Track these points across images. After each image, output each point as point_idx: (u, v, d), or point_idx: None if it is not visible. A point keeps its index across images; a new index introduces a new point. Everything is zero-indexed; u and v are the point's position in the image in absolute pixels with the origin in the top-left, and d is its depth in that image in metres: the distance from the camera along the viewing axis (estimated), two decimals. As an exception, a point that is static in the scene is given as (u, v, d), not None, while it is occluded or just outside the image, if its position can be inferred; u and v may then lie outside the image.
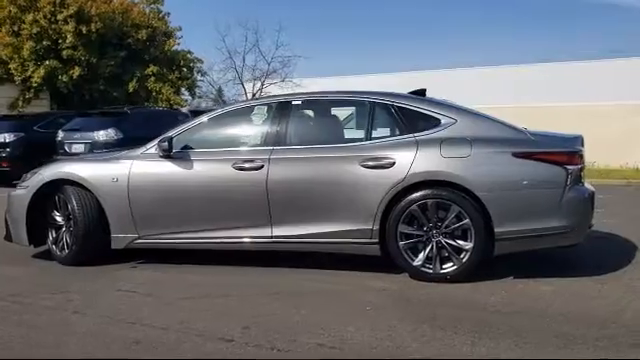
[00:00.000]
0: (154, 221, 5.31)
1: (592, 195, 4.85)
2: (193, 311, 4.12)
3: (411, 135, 4.87)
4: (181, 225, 5.26)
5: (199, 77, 22.39)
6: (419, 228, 4.76)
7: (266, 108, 5.30)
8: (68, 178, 5.49)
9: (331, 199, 4.90)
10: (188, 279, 5.01)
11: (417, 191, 4.72)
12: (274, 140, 5.14)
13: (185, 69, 20.96)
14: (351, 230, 4.85)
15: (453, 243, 4.69)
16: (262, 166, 5.03)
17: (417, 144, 4.79)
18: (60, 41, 18.09)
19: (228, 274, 5.11)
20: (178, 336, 3.64)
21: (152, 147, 5.37)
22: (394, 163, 4.76)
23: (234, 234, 5.15)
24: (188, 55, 21.35)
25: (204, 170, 5.21)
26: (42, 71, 17.78)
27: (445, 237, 4.70)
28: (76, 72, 18.17)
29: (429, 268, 4.73)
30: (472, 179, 4.61)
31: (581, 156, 4.78)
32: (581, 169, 4.77)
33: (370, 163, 4.81)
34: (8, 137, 13.26)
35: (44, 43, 18.11)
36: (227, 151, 5.26)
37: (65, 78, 18.05)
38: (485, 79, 21.07)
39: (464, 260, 4.66)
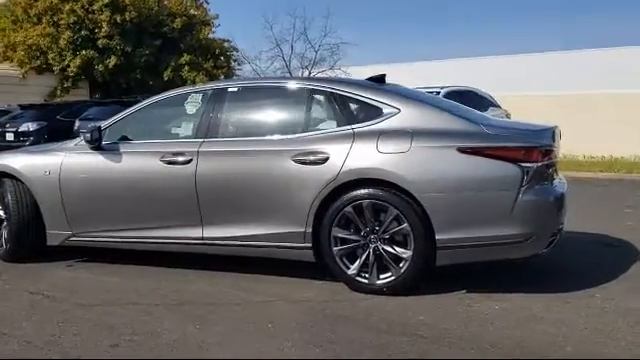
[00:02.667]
0: (86, 218, 4.97)
1: (559, 197, 4.14)
2: (81, 321, 3.72)
3: (349, 127, 4.28)
4: (112, 223, 4.89)
5: (236, 66, 22.21)
6: (355, 232, 4.19)
7: (201, 96, 4.82)
8: (4, 171, 5.22)
9: (262, 198, 4.40)
10: (111, 283, 4.61)
11: (352, 190, 4.15)
12: (206, 131, 4.67)
13: (222, 58, 20.76)
14: (283, 233, 4.34)
15: (391, 250, 4.10)
16: (191, 160, 4.58)
17: (353, 137, 4.21)
18: (96, 30, 18.23)
19: (157, 279, 4.68)
20: (38, 352, 3.25)
21: (86, 138, 5.01)
22: (327, 159, 4.20)
23: (165, 234, 4.72)
24: (224, 44, 21.15)
25: (132, 164, 4.81)
26: (78, 61, 17.99)
27: (383, 243, 4.12)
28: (112, 61, 18.28)
29: (365, 278, 4.17)
30: (410, 178, 4.00)
31: (546, 152, 4.07)
32: (547, 167, 4.07)
33: (302, 158, 4.27)
34: (32, 126, 13.45)
35: (82, 33, 18.30)
36: (156, 143, 4.84)
37: (101, 67, 18.19)
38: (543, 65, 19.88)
39: (402, 270, 4.07)
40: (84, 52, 18.11)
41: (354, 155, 4.14)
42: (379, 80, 4.84)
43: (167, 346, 3.29)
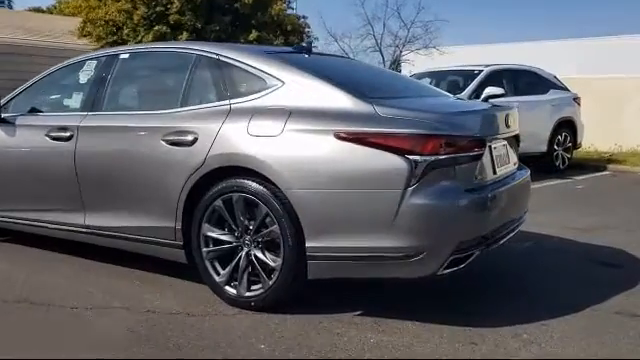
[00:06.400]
0: (-12, 196, 4.56)
1: (476, 202, 3.13)
2: None
3: (227, 102, 3.51)
4: (9, 203, 4.46)
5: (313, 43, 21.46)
6: (230, 232, 3.43)
7: (95, 63, 4.22)
8: None
9: (135, 184, 3.75)
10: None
11: (222, 180, 3.39)
12: (91, 104, 4.08)
13: (296, 35, 20.14)
14: (154, 227, 3.67)
15: (262, 257, 3.31)
16: (72, 136, 4.01)
17: (227, 115, 3.43)
18: (169, 6, 18.24)
19: (40, 267, 4.19)
20: None
21: (-9, 110, 4.58)
22: (196, 140, 3.46)
23: (55, 219, 4.21)
24: (299, 20, 20.51)
25: (24, 139, 4.33)
26: (151, 36, 18.07)
27: (256, 248, 3.34)
28: (183, 37, 18.19)
29: (234, 288, 3.41)
30: (278, 168, 3.17)
31: (462, 142, 3.08)
32: (461, 160, 3.09)
33: (172, 138, 3.56)
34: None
35: (157, 9, 18.38)
36: (46, 116, 4.33)
37: (173, 43, 18.22)
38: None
39: (271, 282, 3.27)
40: (157, 28, 18.20)
41: (223, 137, 3.37)
42: (306, 50, 4.01)
43: None
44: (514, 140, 3.85)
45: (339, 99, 3.21)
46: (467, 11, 39.99)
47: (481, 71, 9.09)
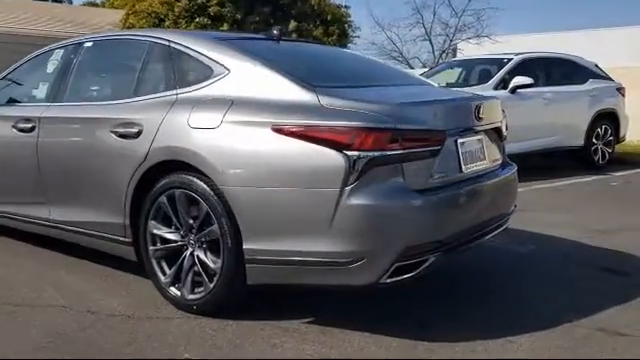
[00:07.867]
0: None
1: (429, 204, 2.80)
2: None
3: (174, 92, 3.30)
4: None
5: (352, 33, 21.07)
6: (175, 230, 3.23)
7: (62, 52, 4.09)
8: None
9: (88, 177, 3.61)
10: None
11: (166, 175, 3.19)
12: (55, 94, 3.97)
13: (336, 24, 19.79)
14: (106, 223, 3.52)
15: (204, 258, 3.09)
16: (34, 127, 3.90)
17: (172, 105, 3.22)
18: (211, -2, 18.29)
19: (17, 265, 4.11)
20: None
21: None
22: (140, 132, 3.27)
23: (24, 212, 4.12)
24: (341, 9, 20.16)
25: (-6, 130, 4.25)
26: (192, 28, 18.16)
27: (199, 248, 3.13)
28: (224, 29, 18.20)
29: (178, 289, 3.21)
30: (214, 163, 2.94)
31: (406, 136, 2.74)
32: (410, 156, 2.76)
33: (120, 130, 3.38)
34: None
35: (198, 1, 18.43)
36: (14, 107, 4.25)
37: (214, 35, 18.19)
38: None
39: (212, 285, 3.05)
40: (198, 20, 18.26)
41: (165, 129, 3.17)
42: (276, 38, 3.74)
43: None
44: (495, 134, 3.48)
45: (282, 87, 2.94)
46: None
47: (510, 59, 8.57)
